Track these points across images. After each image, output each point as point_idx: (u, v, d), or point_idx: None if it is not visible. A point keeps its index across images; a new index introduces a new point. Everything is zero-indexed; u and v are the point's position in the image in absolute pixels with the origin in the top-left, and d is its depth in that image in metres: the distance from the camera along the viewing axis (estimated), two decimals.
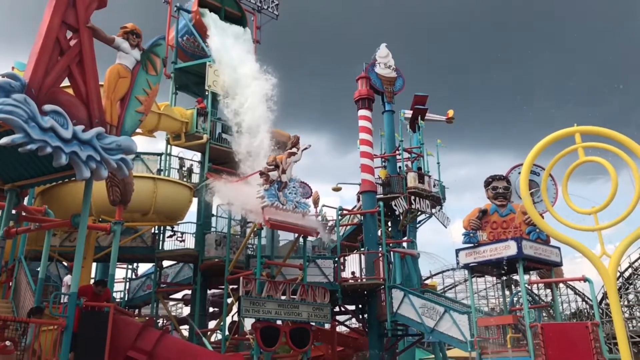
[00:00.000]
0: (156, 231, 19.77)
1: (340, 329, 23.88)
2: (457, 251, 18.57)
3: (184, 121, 19.58)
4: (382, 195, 23.85)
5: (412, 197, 23.93)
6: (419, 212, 24.71)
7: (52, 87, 7.66)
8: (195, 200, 19.36)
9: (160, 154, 20.39)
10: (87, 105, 8.20)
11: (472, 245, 18.30)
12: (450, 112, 29.65)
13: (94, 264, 18.74)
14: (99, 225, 12.90)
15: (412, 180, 24.52)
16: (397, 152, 26.62)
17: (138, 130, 14.66)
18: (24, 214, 10.73)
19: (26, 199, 13.14)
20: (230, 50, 20.72)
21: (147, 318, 17.82)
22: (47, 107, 7.24)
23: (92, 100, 8.27)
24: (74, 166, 7.66)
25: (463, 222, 19.19)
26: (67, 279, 12.76)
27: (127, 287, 22.46)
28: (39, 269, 10.80)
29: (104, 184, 10.99)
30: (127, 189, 11.05)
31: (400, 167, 26.41)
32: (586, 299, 48.52)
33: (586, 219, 8.17)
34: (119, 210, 11.08)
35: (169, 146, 20.30)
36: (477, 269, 19.09)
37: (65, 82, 8.38)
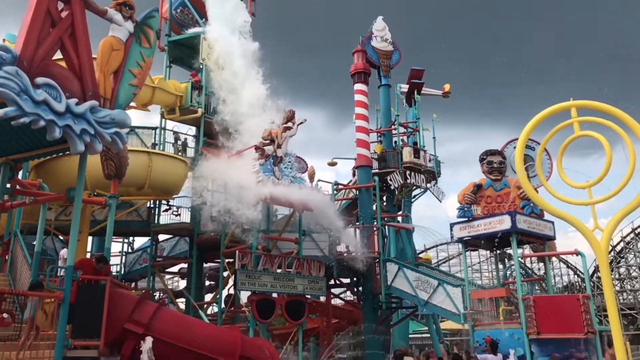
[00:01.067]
0: (152, 205, 19.79)
1: (335, 301, 24.13)
2: (452, 225, 18.71)
3: (178, 95, 19.42)
4: (377, 170, 23.89)
5: (408, 172, 23.98)
6: (414, 187, 24.80)
7: (44, 59, 7.55)
8: (190, 175, 19.34)
9: (154, 128, 20.28)
10: (80, 78, 8.11)
11: (466, 219, 18.43)
12: (447, 87, 29.50)
13: (90, 238, 18.79)
14: (94, 199, 12.89)
15: (407, 155, 24.52)
16: (393, 126, 26.56)
17: (132, 104, 14.55)
18: (18, 187, 10.71)
19: (20, 172, 13.10)
20: (227, 21, 20.40)
21: (143, 291, 17.97)
22: (40, 79, 7.15)
23: (85, 73, 8.17)
24: (68, 140, 7.60)
25: (458, 196, 19.27)
26: (63, 252, 12.80)
27: (123, 261, 22.56)
28: (34, 243, 10.83)
29: (98, 158, 10.95)
30: (122, 163, 11.01)
31: (395, 142, 26.38)
32: (578, 272, 49.15)
33: (580, 194, 8.22)
34: (114, 184, 11.07)
35: (163, 120, 20.17)
36: (471, 243, 19.25)
37: (58, 55, 8.28)
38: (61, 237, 17.86)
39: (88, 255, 17.29)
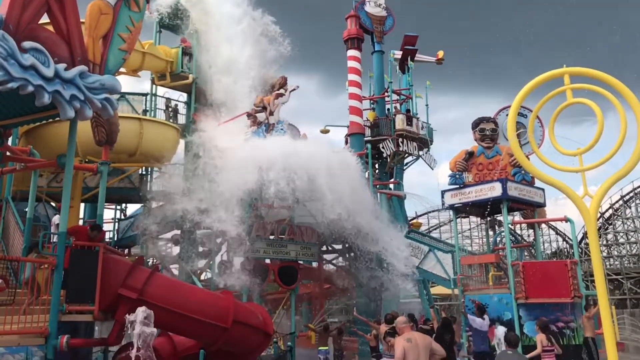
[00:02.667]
0: (143, 172, 19.72)
1: (328, 267, 24.40)
2: (443, 192, 18.84)
3: (169, 60, 19.16)
4: (370, 138, 23.87)
5: (400, 140, 23.99)
6: (406, 154, 24.85)
7: (30, 23, 7.39)
8: (182, 142, 19.24)
9: (145, 94, 20.05)
10: (68, 43, 7.96)
11: (457, 186, 18.55)
12: (440, 53, 29.26)
13: (82, 205, 18.77)
14: (86, 165, 12.83)
15: (400, 122, 24.48)
16: (385, 93, 26.42)
17: (122, 69, 14.34)
18: (8, 154, 10.63)
19: (10, 139, 12.97)
20: None
21: (136, 257, 18.06)
22: (27, 44, 7.02)
23: (73, 37, 8.02)
24: (58, 106, 7.51)
25: (450, 163, 19.35)
26: (55, 218, 12.80)
27: (116, 228, 22.59)
28: (26, 210, 10.82)
29: (89, 124, 10.85)
30: (113, 129, 10.93)
31: (388, 109, 26.28)
32: (567, 238, 49.84)
33: (571, 161, 8.26)
34: (105, 151, 11.00)
35: (154, 86, 19.93)
36: (462, 210, 19.43)
37: (45, 19, 8.11)
38: (53, 204, 17.83)
39: (81, 222, 17.30)
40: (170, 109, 20.26)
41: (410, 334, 7.02)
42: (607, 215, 51.77)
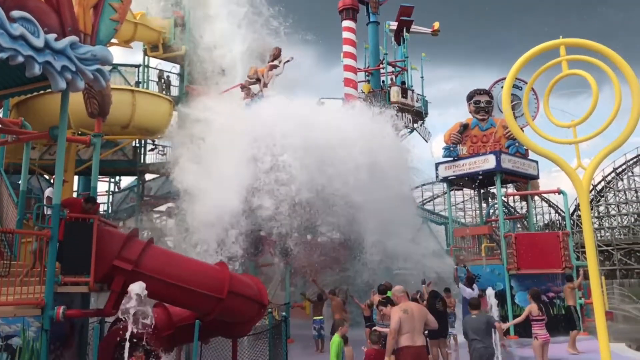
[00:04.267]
0: (137, 145, 19.65)
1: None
2: (437, 165, 18.89)
3: (161, 31, 18.89)
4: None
5: (395, 112, 23.90)
6: (401, 127, 24.79)
7: None
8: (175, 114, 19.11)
9: (138, 66, 19.83)
10: (58, 12, 7.80)
11: (451, 158, 18.60)
12: (436, 25, 28.97)
13: (76, 177, 18.72)
14: (79, 137, 12.73)
15: (395, 94, 24.38)
16: (381, 65, 26.23)
17: (114, 40, 14.17)
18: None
19: (1, 111, 12.84)
20: None
21: (131, 229, 18.12)
22: (15, 13, 6.87)
23: (63, 6, 7.86)
24: (49, 77, 7.41)
25: (444, 136, 19.36)
26: (48, 191, 12.71)
27: (110, 200, 22.60)
28: (20, 182, 10.77)
29: (81, 96, 10.73)
30: (105, 101, 10.80)
31: (383, 81, 26.14)
32: (559, 210, 50.29)
33: (566, 134, 8.28)
34: (98, 123, 10.90)
35: (146, 58, 19.69)
36: (456, 182, 19.52)
37: None
38: (46, 176, 17.77)
39: (75, 195, 17.28)
40: (163, 81, 20.06)
41: (407, 304, 7.11)
42: (599, 187, 52.17)
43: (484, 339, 7.94)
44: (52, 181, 16.54)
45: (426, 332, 9.04)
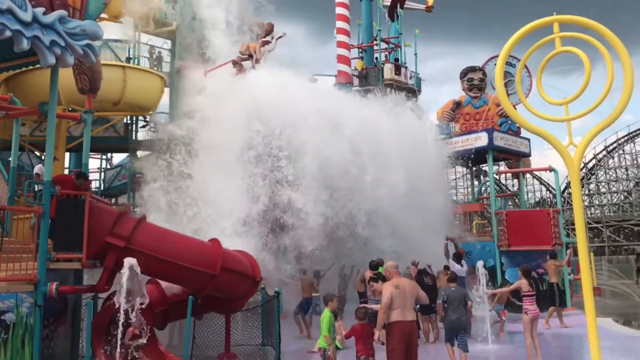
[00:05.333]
0: (129, 121, 19.50)
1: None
2: (432, 143, 18.89)
3: (152, 6, 18.59)
4: (358, 87, 23.66)
5: (388, 89, 23.80)
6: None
7: None
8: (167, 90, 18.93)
9: (128, 42, 19.55)
10: None
11: (444, 136, 18.61)
12: (430, 1, 28.74)
13: (67, 154, 18.60)
14: (69, 114, 12.63)
15: (388, 71, 24.27)
16: (374, 42, 26.04)
17: (103, 15, 13.92)
18: None
19: None
20: None
21: (123, 206, 18.08)
22: None
23: None
24: (37, 52, 7.31)
25: (437, 113, 19.36)
26: (37, 168, 12.65)
27: (102, 177, 22.51)
28: (10, 159, 10.69)
29: (71, 72, 10.61)
30: (96, 76, 10.68)
31: (377, 58, 25.99)
32: (550, 188, 50.62)
33: (558, 112, 8.29)
34: (89, 99, 10.79)
35: (137, 33, 19.42)
36: (448, 160, 19.55)
37: None
38: (37, 153, 17.65)
39: (66, 172, 17.18)
40: (154, 57, 19.83)
41: (398, 280, 7.19)
42: (590, 165, 52.50)
43: (458, 310, 8.74)
44: (43, 158, 16.42)
45: (417, 306, 9.19)
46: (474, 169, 21.81)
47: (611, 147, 52.10)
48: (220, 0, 18.18)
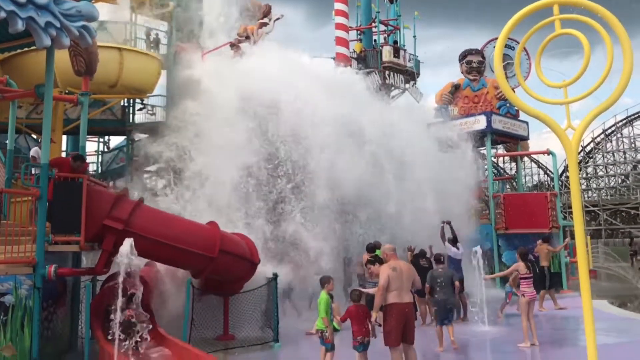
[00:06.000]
0: (126, 104, 19.39)
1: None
2: (428, 126, 18.86)
3: None
4: (356, 70, 23.51)
5: (387, 72, 23.70)
6: (393, 88, 24.63)
7: None
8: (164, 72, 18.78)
9: (125, 23, 19.34)
10: None
11: (442, 119, 18.56)
12: None
13: (65, 137, 18.52)
14: (66, 96, 12.56)
15: (387, 54, 24.12)
16: (373, 24, 25.84)
17: None
18: None
19: None
20: None
21: (121, 189, 18.06)
22: None
23: None
24: (33, 33, 7.25)
25: (435, 96, 19.31)
26: (33, 151, 12.58)
27: (99, 160, 22.45)
28: (7, 142, 10.65)
29: (67, 54, 10.52)
30: (92, 58, 10.60)
31: (375, 41, 25.81)
32: (548, 172, 50.68)
33: (557, 95, 8.28)
34: (85, 82, 10.72)
35: (133, 15, 19.21)
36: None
37: None
38: (34, 136, 17.58)
39: (63, 155, 17.13)
40: (151, 39, 19.64)
41: (396, 262, 7.23)
42: (588, 148, 52.53)
43: (444, 291, 9.22)
44: (39, 141, 16.34)
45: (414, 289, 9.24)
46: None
47: (609, 131, 52.09)
48: None
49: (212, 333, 9.75)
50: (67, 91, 15.24)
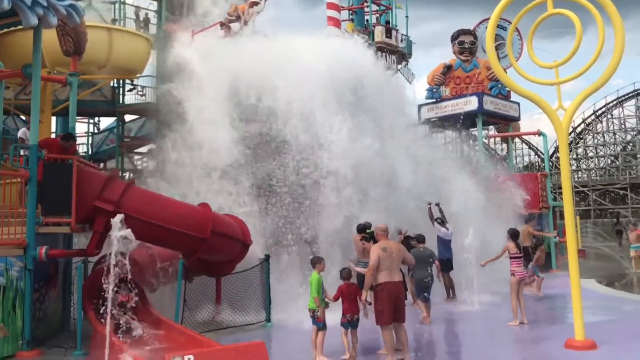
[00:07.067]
0: (115, 85, 19.20)
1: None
2: (420, 106, 18.86)
3: None
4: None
5: (379, 53, 23.54)
6: (385, 68, 24.51)
7: None
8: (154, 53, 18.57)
9: (114, 2, 19.06)
10: None
11: (434, 100, 18.56)
12: None
13: (54, 118, 18.33)
14: (54, 76, 12.38)
15: (379, 34, 23.95)
16: (365, 4, 25.62)
17: None
18: None
19: None
20: None
21: (111, 170, 18.00)
22: None
23: None
24: (19, 12, 7.14)
25: (427, 77, 19.26)
26: (21, 132, 12.43)
27: (89, 142, 22.29)
28: None
29: (55, 34, 10.38)
30: (80, 38, 10.45)
31: (367, 21, 25.61)
32: (539, 153, 50.96)
33: (549, 76, 8.29)
34: (74, 62, 10.60)
35: None
36: (438, 124, 19.56)
37: None
38: (23, 117, 17.41)
39: (53, 136, 16.99)
40: (141, 18, 19.38)
41: (386, 242, 7.30)
42: (579, 130, 52.77)
43: (424, 269, 9.64)
44: (28, 122, 16.18)
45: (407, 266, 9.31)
46: (463, 133, 21.84)
47: (600, 112, 52.31)
48: None
49: (205, 314, 9.79)
50: (55, 71, 15.05)
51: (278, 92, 12.96)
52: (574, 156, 51.72)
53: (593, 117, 52.52)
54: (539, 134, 19.31)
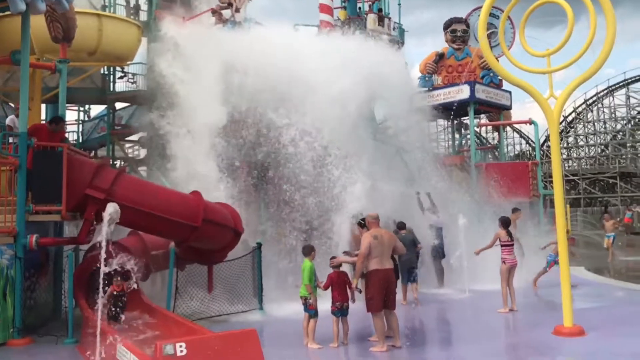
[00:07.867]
0: (106, 72, 19.02)
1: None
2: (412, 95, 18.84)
3: None
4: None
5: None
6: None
7: None
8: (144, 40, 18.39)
9: None
10: None
11: (426, 89, 18.55)
12: None
13: (44, 105, 18.15)
14: (43, 63, 12.27)
15: (371, 22, 23.80)
16: None
17: None
18: None
19: None
20: None
21: (101, 158, 17.87)
22: None
23: None
24: None
25: (419, 65, 19.23)
26: (9, 119, 12.27)
27: (80, 129, 22.11)
28: None
29: (44, 20, 10.25)
30: (70, 24, 10.32)
31: (360, 8, 25.48)
32: (530, 141, 51.12)
33: (541, 64, 8.30)
34: (63, 48, 10.47)
35: None
36: (430, 112, 19.57)
37: None
38: (12, 104, 17.22)
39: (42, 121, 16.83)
40: (131, 5, 19.17)
41: (377, 230, 7.33)
42: (570, 118, 53.00)
43: (408, 251, 9.48)
44: (17, 109, 16.01)
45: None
46: (455, 121, 21.87)
47: (591, 101, 52.51)
48: None
49: (197, 303, 9.80)
50: (44, 58, 14.88)
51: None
52: (565, 145, 51.98)
53: (584, 106, 52.72)
54: (531, 122, 19.40)
